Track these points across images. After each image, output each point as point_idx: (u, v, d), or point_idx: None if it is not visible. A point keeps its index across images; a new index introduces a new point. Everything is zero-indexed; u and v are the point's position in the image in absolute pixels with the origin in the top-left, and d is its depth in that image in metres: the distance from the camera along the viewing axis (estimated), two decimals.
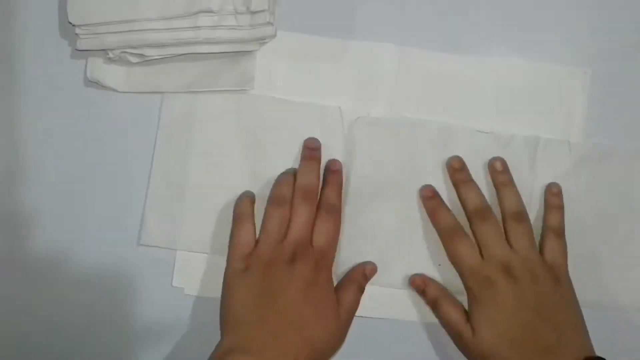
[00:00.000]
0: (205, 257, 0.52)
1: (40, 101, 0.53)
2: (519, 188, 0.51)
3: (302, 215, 0.49)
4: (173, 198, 0.52)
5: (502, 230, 0.50)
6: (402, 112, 0.53)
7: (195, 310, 0.52)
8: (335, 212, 0.50)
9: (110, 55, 0.51)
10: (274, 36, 0.52)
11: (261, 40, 0.52)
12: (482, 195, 0.51)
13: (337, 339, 0.48)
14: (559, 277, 0.48)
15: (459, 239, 0.49)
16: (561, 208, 0.51)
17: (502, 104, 0.53)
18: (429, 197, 0.51)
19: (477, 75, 0.54)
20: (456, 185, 0.51)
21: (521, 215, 0.50)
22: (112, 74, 0.53)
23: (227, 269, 0.49)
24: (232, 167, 0.53)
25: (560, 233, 0.50)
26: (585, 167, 0.53)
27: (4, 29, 0.54)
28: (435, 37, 0.54)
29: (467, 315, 0.48)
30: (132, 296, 0.52)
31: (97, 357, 0.52)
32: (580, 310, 0.48)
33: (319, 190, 0.51)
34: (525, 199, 0.51)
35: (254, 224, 0.50)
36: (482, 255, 0.49)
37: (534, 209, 0.52)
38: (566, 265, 0.49)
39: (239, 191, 0.52)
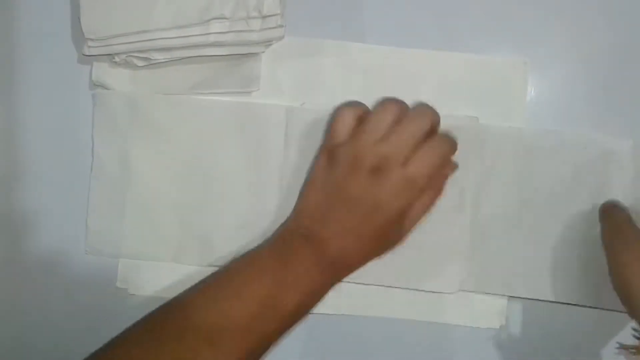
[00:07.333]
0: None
1: (45, 103, 0.52)
2: (465, 169, 0.51)
3: (408, 130, 0.46)
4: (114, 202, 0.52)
5: None
6: None
7: None
8: (446, 147, 0.48)
9: (117, 59, 0.50)
10: (282, 38, 0.51)
11: (267, 43, 0.51)
12: None
13: (367, 261, 0.49)
14: None
15: None
16: None
17: (443, 97, 0.53)
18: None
19: (417, 67, 0.53)
20: None
21: None
22: (117, 77, 0.51)
23: (315, 160, 0.49)
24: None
25: None
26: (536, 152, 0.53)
27: (10, 30, 0.52)
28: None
29: None
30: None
31: None
32: None
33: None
34: (475, 180, 0.52)
35: (355, 120, 0.48)
36: None
37: (487, 192, 0.52)
38: None
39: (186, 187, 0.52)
